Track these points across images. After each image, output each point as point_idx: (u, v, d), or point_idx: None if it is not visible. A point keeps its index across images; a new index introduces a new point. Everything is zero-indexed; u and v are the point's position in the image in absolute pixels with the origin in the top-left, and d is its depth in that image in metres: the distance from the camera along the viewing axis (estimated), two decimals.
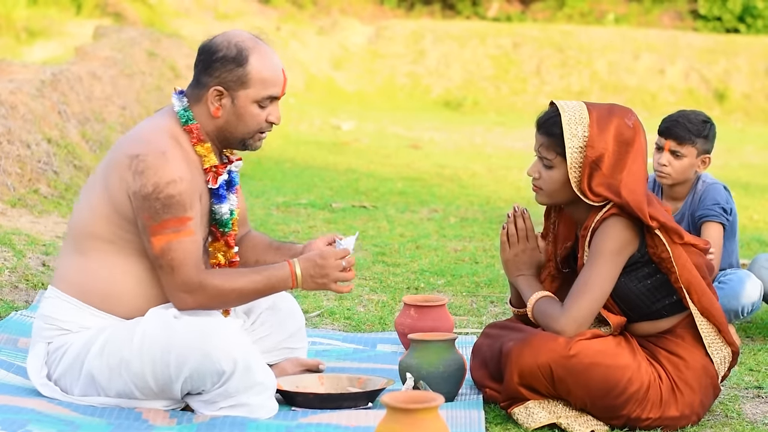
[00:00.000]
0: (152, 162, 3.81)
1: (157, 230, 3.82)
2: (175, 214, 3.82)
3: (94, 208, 3.92)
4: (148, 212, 3.81)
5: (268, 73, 3.95)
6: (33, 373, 3.98)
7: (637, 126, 4.03)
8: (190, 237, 3.85)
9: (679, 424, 4.04)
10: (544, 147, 4.06)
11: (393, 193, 9.87)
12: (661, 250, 3.98)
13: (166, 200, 3.80)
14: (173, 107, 3.98)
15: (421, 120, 17.67)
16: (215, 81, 3.93)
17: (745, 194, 10.90)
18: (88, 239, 3.92)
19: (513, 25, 22.28)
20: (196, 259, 3.87)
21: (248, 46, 3.93)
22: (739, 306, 5.23)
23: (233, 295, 3.92)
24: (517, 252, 4.19)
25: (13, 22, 17.45)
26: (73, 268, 3.95)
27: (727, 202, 5.36)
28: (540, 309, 4.06)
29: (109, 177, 3.90)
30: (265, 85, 3.94)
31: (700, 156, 5.34)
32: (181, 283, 3.85)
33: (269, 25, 20.77)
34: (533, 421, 3.98)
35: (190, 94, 3.99)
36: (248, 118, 3.96)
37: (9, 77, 9.00)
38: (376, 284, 6.29)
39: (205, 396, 3.86)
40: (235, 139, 4.00)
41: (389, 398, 3.27)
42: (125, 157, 3.86)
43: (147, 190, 3.80)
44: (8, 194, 7.04)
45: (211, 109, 3.94)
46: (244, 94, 3.93)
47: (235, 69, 3.91)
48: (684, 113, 5.34)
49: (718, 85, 20.49)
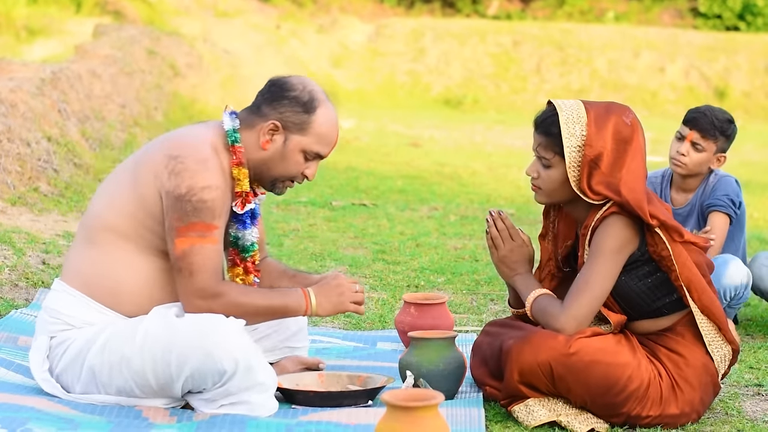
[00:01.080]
0: (191, 165, 3.83)
1: (182, 232, 3.83)
2: (203, 219, 3.83)
3: (118, 202, 3.92)
4: (177, 213, 3.82)
5: (327, 131, 4.00)
6: (35, 366, 3.99)
7: (635, 124, 4.03)
8: (214, 245, 3.87)
9: (679, 421, 4.04)
10: (542, 146, 4.06)
11: (393, 191, 9.87)
12: (661, 248, 3.98)
13: (198, 204, 3.82)
14: (222, 124, 4.01)
15: (421, 118, 17.67)
16: (277, 116, 3.97)
17: (744, 192, 10.86)
18: (104, 232, 3.93)
19: (513, 23, 22.28)
20: (216, 267, 3.89)
21: (320, 98, 3.99)
22: (721, 288, 5.20)
23: (248, 310, 3.93)
24: (505, 253, 4.18)
25: (13, 20, 17.44)
26: (83, 261, 3.96)
27: (737, 195, 5.42)
28: (539, 307, 4.05)
29: (140, 173, 3.90)
30: (319, 141, 4.00)
31: (717, 153, 5.39)
32: (198, 288, 3.86)
33: (269, 24, 20.78)
34: (533, 419, 3.98)
35: (244, 118, 4.02)
36: (291, 163, 4.00)
37: (9, 75, 9.00)
38: (376, 282, 6.29)
39: (206, 394, 3.86)
40: (269, 177, 4.04)
41: (389, 396, 3.27)
42: (164, 156, 3.87)
43: (180, 191, 3.82)
44: (8, 192, 7.04)
45: (261, 140, 3.98)
46: (298, 139, 3.98)
47: (301, 113, 3.97)
48: (711, 108, 5.41)
49: (718, 82, 20.49)
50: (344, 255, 6.92)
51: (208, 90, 15.17)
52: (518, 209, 9.08)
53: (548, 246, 4.26)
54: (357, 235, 7.63)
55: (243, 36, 19.56)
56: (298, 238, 7.40)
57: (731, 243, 5.47)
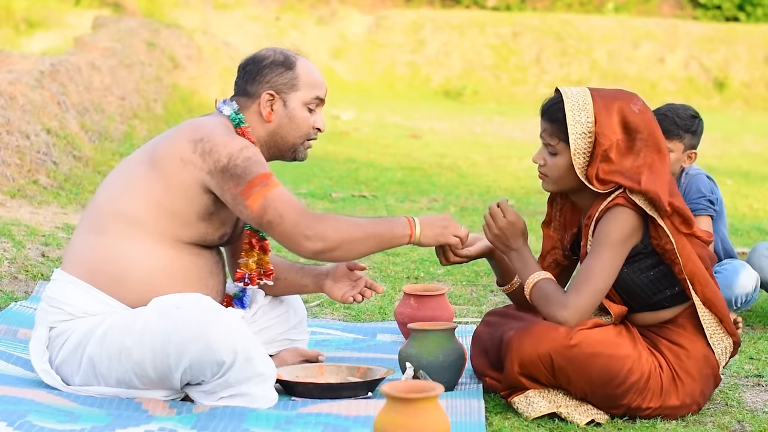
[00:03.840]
0: (218, 140, 3.89)
1: (247, 193, 3.85)
2: (258, 171, 3.86)
3: (136, 190, 3.92)
4: (232, 181, 3.85)
5: (315, 76, 4.13)
6: (35, 357, 3.99)
7: (643, 110, 4.01)
8: (280, 187, 3.89)
9: (679, 413, 4.03)
10: (548, 133, 4.05)
11: (393, 182, 9.87)
12: (665, 241, 3.97)
13: (244, 162, 3.86)
14: (221, 113, 4.05)
15: (421, 109, 17.67)
16: (266, 86, 4.06)
17: (745, 183, 10.91)
18: (114, 220, 3.93)
19: (513, 14, 22.26)
20: (300, 203, 3.92)
21: (292, 53, 4.12)
22: (732, 296, 5.23)
23: (356, 233, 3.89)
24: (498, 228, 4.12)
25: (12, 12, 17.43)
26: (88, 248, 3.95)
27: (712, 192, 5.35)
28: (541, 293, 4.01)
29: (164, 163, 3.91)
30: (312, 87, 4.10)
31: (687, 151, 5.29)
32: (300, 228, 3.84)
33: (268, 15, 20.76)
34: (533, 410, 3.98)
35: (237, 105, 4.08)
36: (300, 121, 4.08)
37: (8, 68, 9.00)
38: (376, 274, 6.29)
39: (205, 386, 3.86)
40: (286, 145, 4.09)
41: (389, 388, 3.27)
42: (187, 143, 3.90)
43: (223, 162, 3.86)
44: (7, 185, 7.04)
45: (263, 113, 4.05)
46: (295, 96, 4.07)
47: (285, 72, 4.07)
48: (673, 107, 5.30)
49: (718, 73, 20.49)
50: None
51: (208, 82, 15.16)
52: (518, 200, 9.08)
53: (553, 234, 4.24)
54: None
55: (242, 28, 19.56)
56: None
57: (715, 237, 5.46)
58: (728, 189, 10.19)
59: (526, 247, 4.12)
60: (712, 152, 13.23)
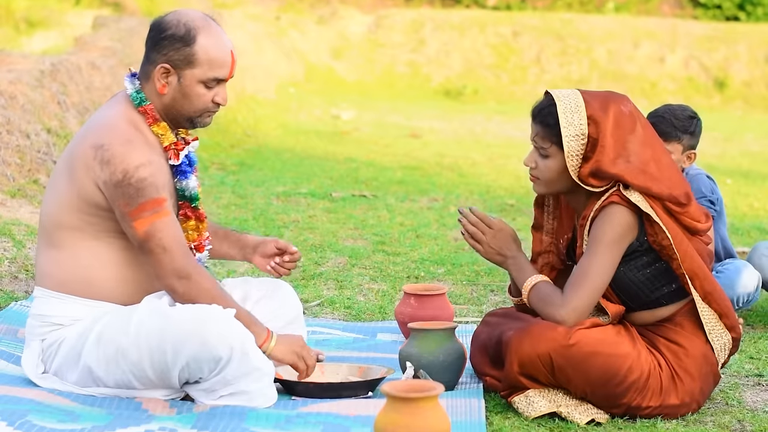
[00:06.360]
0: (118, 150, 3.82)
1: (136, 215, 3.82)
2: (150, 196, 3.83)
3: (61, 199, 3.93)
4: (123, 199, 3.82)
5: (216, 54, 3.97)
6: (29, 370, 3.99)
7: (634, 111, 4.03)
8: (169, 217, 3.86)
9: (679, 412, 4.04)
10: (540, 137, 4.05)
11: (393, 182, 9.86)
12: (661, 237, 3.97)
13: (139, 184, 3.81)
14: (126, 90, 4.00)
15: (421, 109, 17.66)
16: (162, 59, 3.95)
17: (745, 182, 10.91)
18: (58, 230, 3.93)
19: (513, 13, 22.24)
20: (184, 240, 3.90)
21: (197, 26, 3.96)
22: (735, 296, 5.24)
23: (220, 300, 3.90)
24: (488, 241, 4.14)
25: (12, 12, 17.43)
26: (50, 263, 3.96)
27: (712, 192, 5.34)
28: (538, 295, 4.03)
29: (73, 168, 3.90)
30: (211, 66, 3.96)
31: (686, 152, 5.27)
32: (172, 262, 3.85)
33: (268, 15, 20.77)
34: (533, 409, 3.98)
35: (142, 73, 4.03)
36: (194, 97, 3.97)
37: (8, 67, 8.99)
38: (376, 273, 6.29)
39: (204, 384, 3.86)
40: (182, 117, 4.01)
41: (389, 387, 3.27)
42: (89, 148, 3.86)
43: (117, 178, 3.81)
44: (8, 184, 7.04)
45: (157, 86, 3.96)
46: (191, 73, 3.95)
47: (183, 48, 3.93)
48: (670, 108, 5.28)
49: (718, 73, 20.48)
50: (344, 246, 6.92)
51: None
52: (518, 200, 9.07)
53: (544, 237, 4.24)
54: (357, 227, 7.62)
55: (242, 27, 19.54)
56: (297, 230, 7.40)
57: (716, 235, 5.46)
58: (728, 188, 10.19)
59: (521, 252, 4.13)
60: (712, 152, 13.23)
